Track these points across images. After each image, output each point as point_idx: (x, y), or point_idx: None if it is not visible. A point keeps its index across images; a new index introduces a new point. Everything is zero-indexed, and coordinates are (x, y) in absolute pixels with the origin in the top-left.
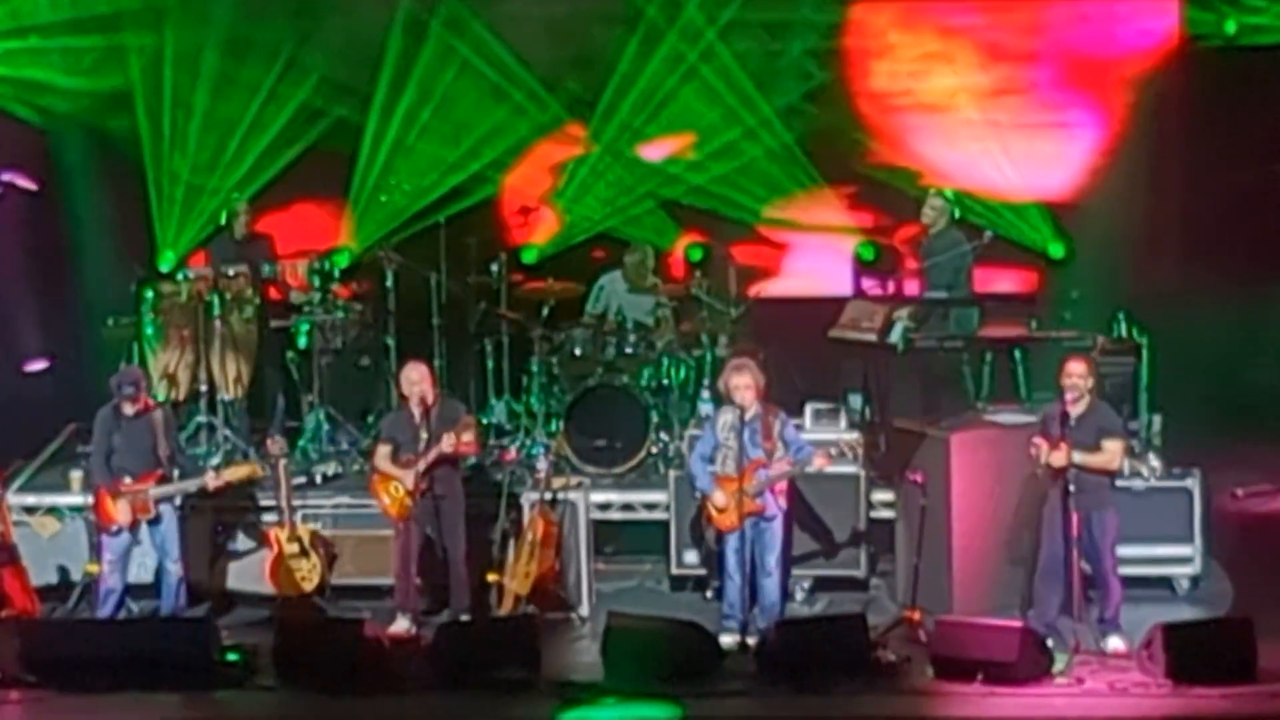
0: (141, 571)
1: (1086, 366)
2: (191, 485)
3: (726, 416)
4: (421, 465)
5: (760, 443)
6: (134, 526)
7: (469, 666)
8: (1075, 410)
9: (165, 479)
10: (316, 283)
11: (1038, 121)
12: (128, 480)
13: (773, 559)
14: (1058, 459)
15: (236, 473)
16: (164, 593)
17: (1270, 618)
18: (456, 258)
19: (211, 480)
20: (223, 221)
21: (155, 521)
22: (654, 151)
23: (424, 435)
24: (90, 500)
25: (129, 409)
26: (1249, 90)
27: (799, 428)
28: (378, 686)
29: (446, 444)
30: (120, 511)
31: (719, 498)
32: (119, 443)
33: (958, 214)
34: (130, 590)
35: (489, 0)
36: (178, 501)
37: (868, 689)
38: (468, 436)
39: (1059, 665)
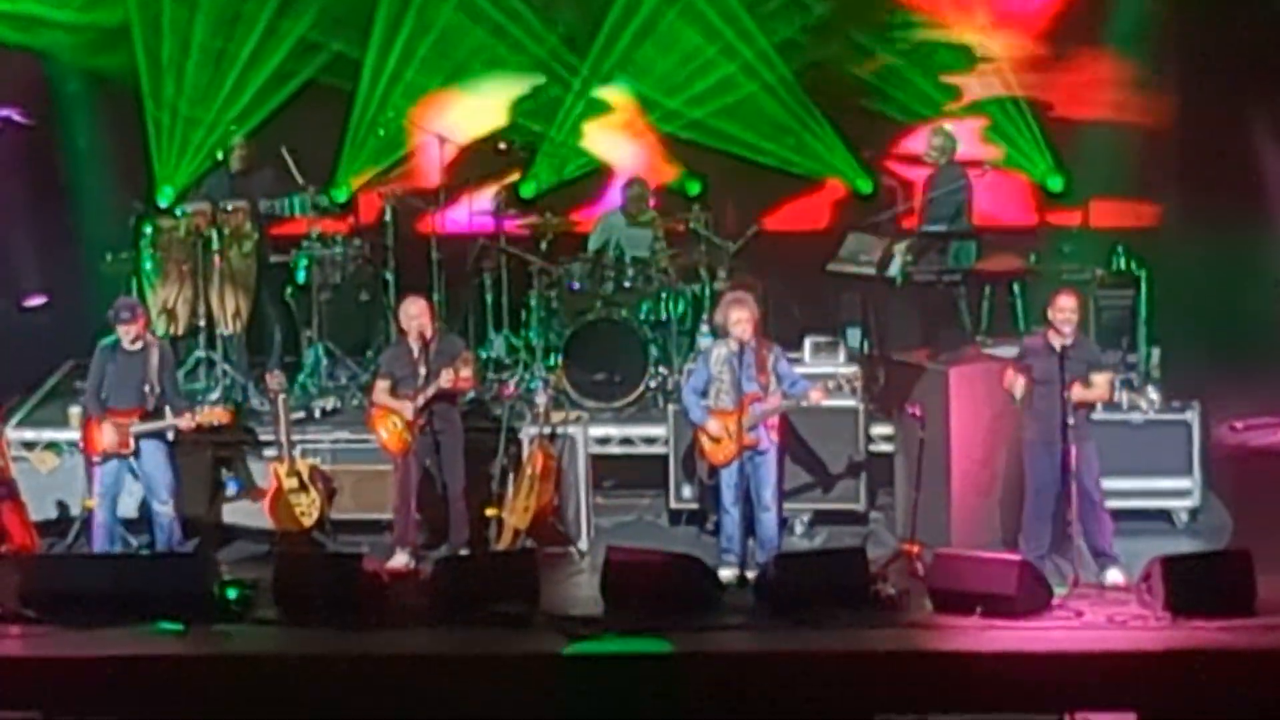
0: (133, 506)
1: (1077, 300)
2: (165, 425)
3: (720, 350)
4: (420, 400)
5: (755, 376)
6: (120, 455)
7: (468, 601)
8: (1065, 345)
9: (150, 415)
10: (315, 218)
11: (1038, 54)
12: (115, 413)
13: (768, 493)
14: (1078, 393)
15: (209, 416)
16: (155, 529)
17: (1269, 550)
18: (454, 191)
19: (184, 422)
20: (220, 156)
21: (139, 457)
22: (651, 86)
23: (422, 370)
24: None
25: (127, 339)
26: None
27: (798, 361)
28: (376, 621)
29: (445, 379)
30: (104, 438)
31: (714, 430)
32: (111, 375)
33: (958, 148)
34: (127, 524)
35: None
36: (169, 438)
37: (866, 622)
38: (466, 372)
39: (1057, 598)
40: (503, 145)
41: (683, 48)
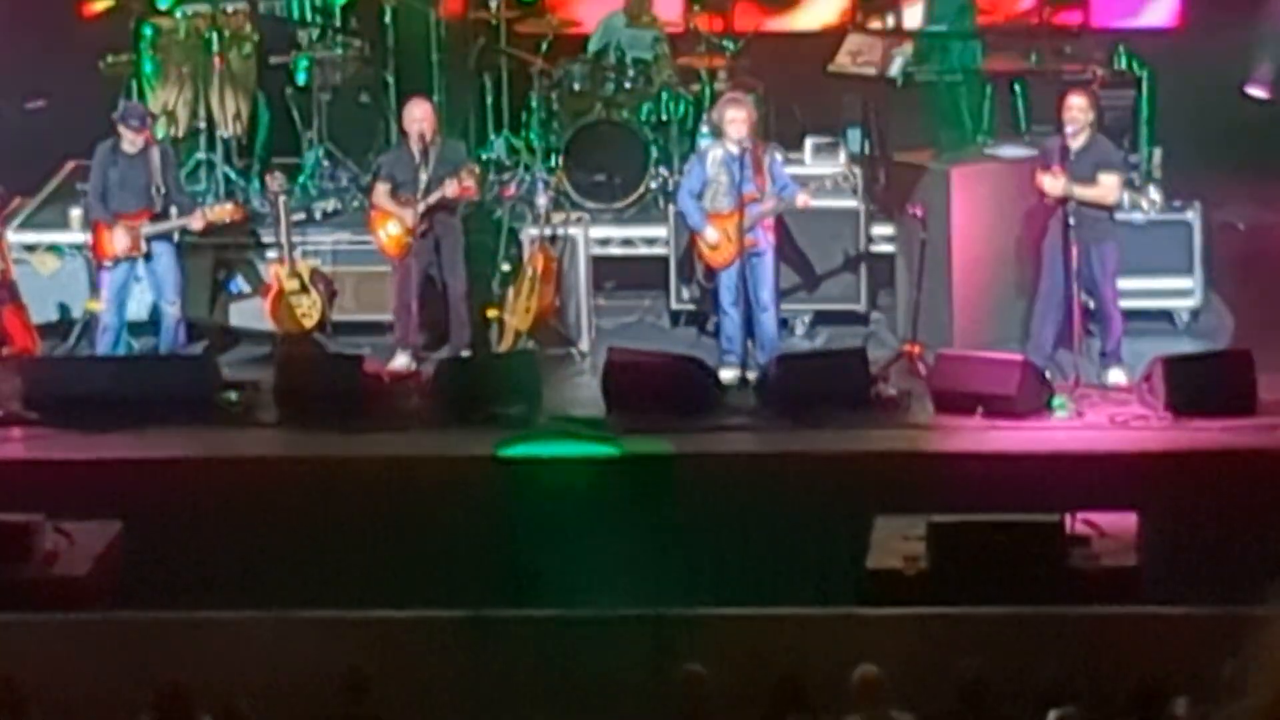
0: (140, 309)
1: (1087, 100)
2: (178, 224)
3: (716, 152)
4: (421, 207)
5: (752, 178)
6: (131, 258)
7: (469, 402)
8: (1075, 144)
9: (159, 217)
10: (315, 19)
11: None
12: (122, 216)
13: (766, 293)
14: (1051, 185)
15: (219, 214)
16: (161, 331)
17: (1270, 350)
18: None
19: (197, 220)
20: None
21: (150, 259)
22: None
23: (423, 176)
24: (89, 237)
25: (130, 144)
26: None
27: (798, 162)
28: (377, 422)
29: (449, 189)
30: (116, 242)
31: (712, 234)
32: (115, 179)
33: None
34: (130, 328)
35: None
36: (175, 239)
37: (868, 423)
38: (469, 183)
39: (1059, 399)
40: None
41: None
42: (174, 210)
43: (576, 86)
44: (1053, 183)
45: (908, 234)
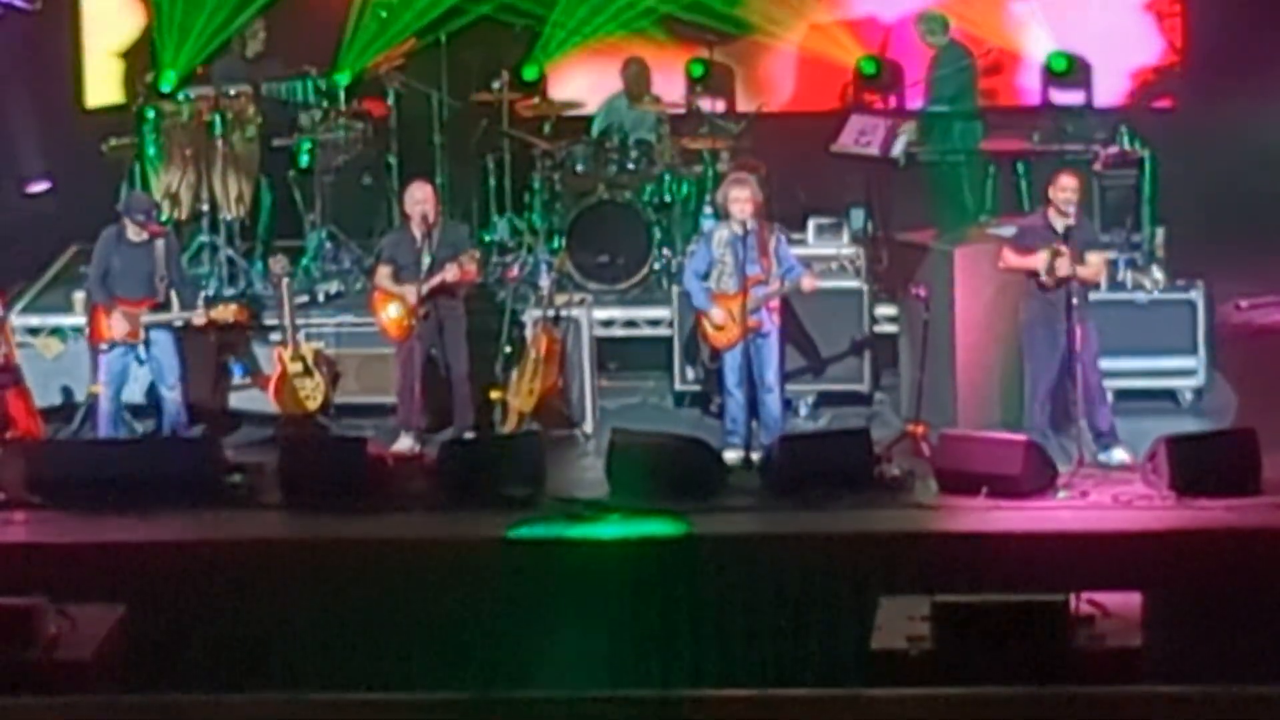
0: (141, 393)
1: (1078, 180)
2: (180, 317)
3: (722, 232)
4: (424, 290)
5: (757, 259)
6: (129, 343)
7: (473, 484)
8: (1067, 224)
9: (161, 307)
10: (318, 101)
11: None
12: (123, 303)
13: (771, 374)
14: (1064, 266)
15: (222, 313)
16: (163, 415)
17: (1274, 429)
18: (457, 75)
19: (199, 317)
20: (232, 40)
21: (149, 346)
22: None
23: (425, 258)
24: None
25: (134, 234)
26: None
27: (801, 242)
28: (381, 504)
29: (449, 274)
30: (113, 327)
31: (717, 315)
32: (118, 265)
33: (951, 24)
34: (133, 411)
35: None
36: (177, 323)
37: (872, 503)
38: (471, 267)
39: (1063, 479)
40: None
41: None
42: (176, 302)
43: (579, 168)
44: (1063, 264)
45: (910, 314)
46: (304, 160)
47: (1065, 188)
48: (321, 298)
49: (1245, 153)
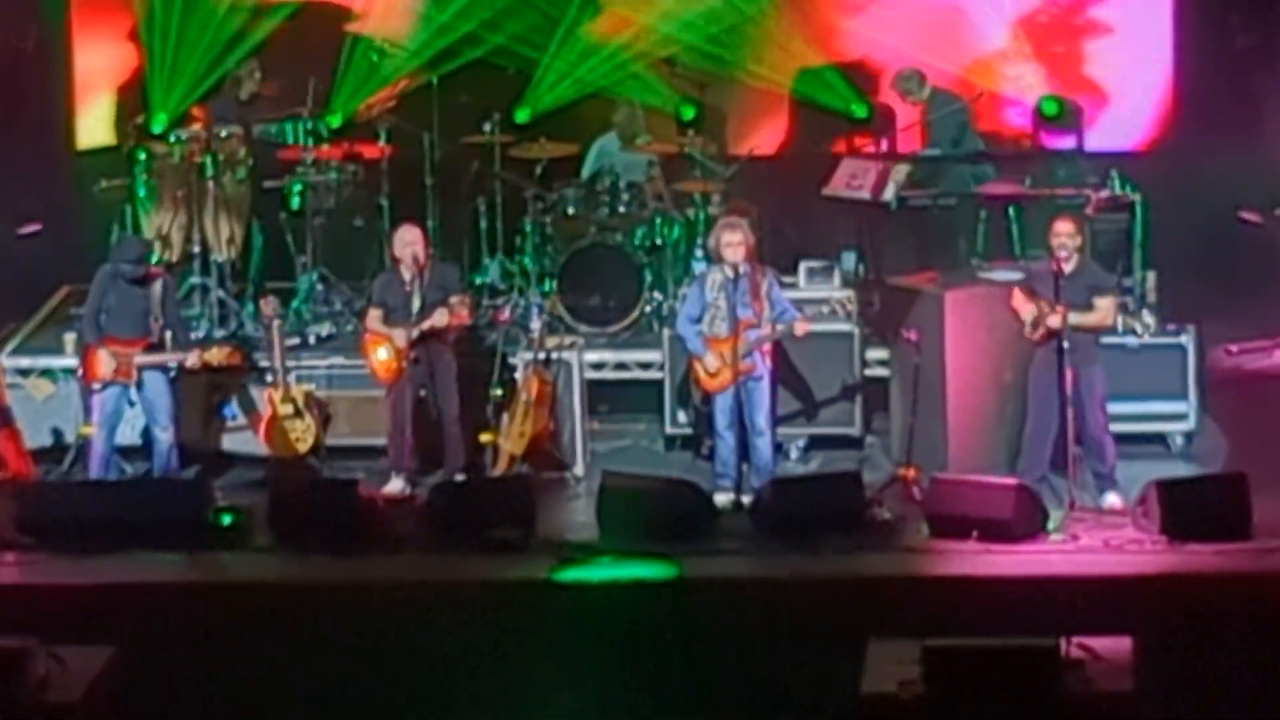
0: (133, 434)
1: (1074, 225)
2: (173, 359)
3: (715, 276)
4: (414, 333)
5: (749, 303)
6: (120, 382)
7: (464, 526)
8: (1065, 269)
9: (154, 347)
10: (309, 143)
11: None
12: (116, 342)
13: (762, 418)
14: (1055, 321)
15: (215, 355)
16: (154, 456)
17: (1264, 473)
18: (449, 118)
19: (192, 359)
20: (225, 83)
21: (141, 386)
22: (648, 11)
23: (415, 302)
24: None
25: (128, 277)
26: None
27: (793, 286)
28: (372, 547)
29: (439, 319)
30: (104, 366)
31: (710, 360)
32: (113, 304)
33: (925, 77)
34: (123, 452)
35: None
36: (171, 364)
37: (863, 547)
38: (462, 312)
39: (1054, 523)
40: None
41: None
42: (169, 343)
43: (570, 211)
44: (1054, 319)
45: (902, 358)
46: (295, 202)
47: (1059, 233)
48: (313, 340)
49: (1236, 197)
